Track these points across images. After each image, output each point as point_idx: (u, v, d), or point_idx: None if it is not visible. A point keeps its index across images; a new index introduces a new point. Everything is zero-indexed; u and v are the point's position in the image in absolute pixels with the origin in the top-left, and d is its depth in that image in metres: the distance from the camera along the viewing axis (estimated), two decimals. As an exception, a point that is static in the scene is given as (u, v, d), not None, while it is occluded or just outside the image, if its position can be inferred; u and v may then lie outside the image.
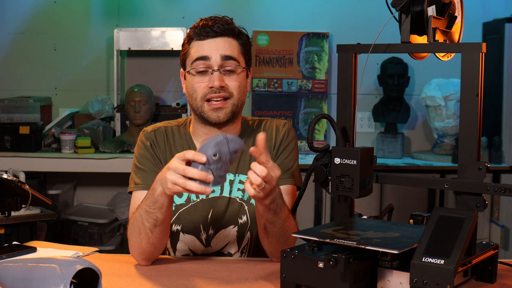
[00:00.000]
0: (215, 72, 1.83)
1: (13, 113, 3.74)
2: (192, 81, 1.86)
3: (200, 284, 1.62)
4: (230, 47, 1.85)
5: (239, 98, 1.87)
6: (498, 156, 3.90)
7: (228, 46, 1.85)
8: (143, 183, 1.86)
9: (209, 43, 1.85)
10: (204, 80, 1.84)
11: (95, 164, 3.71)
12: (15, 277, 1.41)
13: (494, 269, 1.58)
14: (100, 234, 3.96)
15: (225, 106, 1.84)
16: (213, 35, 1.84)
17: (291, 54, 4.19)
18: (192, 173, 1.51)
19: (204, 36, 1.85)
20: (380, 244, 1.43)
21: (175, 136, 1.94)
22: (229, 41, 1.86)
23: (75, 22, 4.29)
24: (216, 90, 1.82)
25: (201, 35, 1.85)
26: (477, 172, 1.50)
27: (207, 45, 1.84)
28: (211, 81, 1.83)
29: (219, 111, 1.84)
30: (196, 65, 1.85)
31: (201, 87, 1.84)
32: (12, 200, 1.95)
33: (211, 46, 1.84)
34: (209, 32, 1.84)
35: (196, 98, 1.85)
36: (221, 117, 1.84)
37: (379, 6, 2.02)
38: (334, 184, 1.59)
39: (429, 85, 4.01)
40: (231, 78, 1.85)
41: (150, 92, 3.91)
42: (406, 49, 1.61)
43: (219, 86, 1.82)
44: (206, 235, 1.91)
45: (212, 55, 1.83)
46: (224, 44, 1.85)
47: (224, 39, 1.85)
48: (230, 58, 1.84)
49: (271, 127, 1.95)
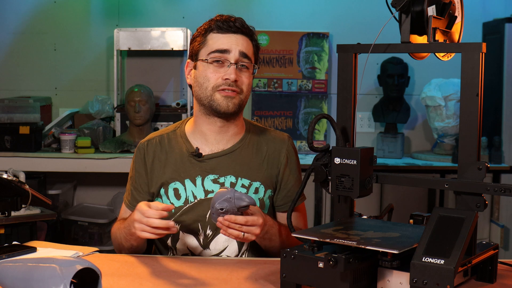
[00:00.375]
0: (232, 65, 1.88)
1: (13, 113, 3.74)
2: (206, 70, 1.90)
3: (200, 284, 1.62)
4: (248, 46, 1.93)
5: (246, 96, 1.94)
6: (498, 156, 3.90)
7: (246, 45, 1.92)
8: (130, 204, 2.00)
9: (229, 37, 1.90)
10: (220, 71, 1.89)
11: (95, 164, 3.71)
12: (15, 277, 1.41)
13: (494, 269, 1.58)
14: (100, 234, 3.96)
15: (235, 96, 1.89)
16: (234, 31, 1.91)
17: (291, 54, 4.19)
18: (154, 222, 1.72)
19: (225, 30, 1.91)
20: (380, 244, 1.43)
21: (171, 141, 1.99)
22: (246, 40, 1.93)
23: (75, 22, 4.29)
24: (231, 83, 1.88)
25: (223, 28, 1.90)
26: (477, 172, 1.50)
27: (227, 39, 1.90)
28: (227, 73, 1.88)
29: (230, 100, 1.89)
30: (214, 56, 1.90)
31: (215, 77, 1.89)
32: (12, 200, 1.94)
33: (231, 40, 1.90)
34: (232, 27, 1.90)
35: (207, 87, 1.90)
36: (231, 106, 1.89)
37: (379, 6, 2.02)
38: (334, 184, 1.59)
39: (429, 85, 4.01)
40: (244, 75, 1.91)
41: (150, 92, 3.91)
42: (406, 49, 1.61)
43: (234, 79, 1.88)
44: (204, 236, 1.92)
45: (232, 49, 1.89)
46: (243, 41, 1.92)
47: (243, 37, 1.92)
48: (246, 55, 1.91)
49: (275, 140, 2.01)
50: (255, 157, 1.96)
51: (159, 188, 1.95)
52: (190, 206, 1.92)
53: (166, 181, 1.94)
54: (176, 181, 1.94)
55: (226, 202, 1.68)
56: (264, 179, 1.95)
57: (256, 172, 1.94)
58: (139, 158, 2.00)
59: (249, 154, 1.96)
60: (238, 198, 1.68)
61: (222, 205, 1.68)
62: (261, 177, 1.95)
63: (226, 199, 1.68)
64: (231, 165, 1.93)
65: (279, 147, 2.00)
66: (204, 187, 1.92)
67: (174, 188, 1.94)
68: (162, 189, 1.95)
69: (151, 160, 1.98)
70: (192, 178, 1.93)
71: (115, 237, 1.95)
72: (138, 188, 1.99)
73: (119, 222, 1.97)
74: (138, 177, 1.99)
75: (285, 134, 2.04)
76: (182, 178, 1.93)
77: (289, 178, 1.99)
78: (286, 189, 1.99)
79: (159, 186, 1.95)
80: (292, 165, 2.01)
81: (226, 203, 1.68)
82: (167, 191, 1.94)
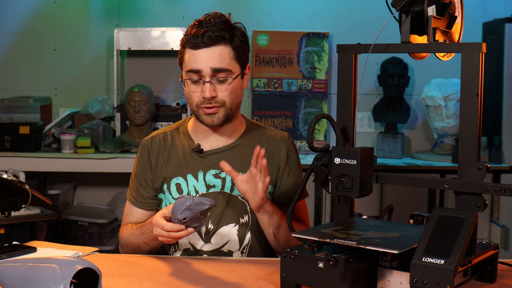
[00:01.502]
0: (206, 83, 1.88)
1: (13, 113, 3.73)
2: (188, 88, 1.92)
3: (200, 284, 1.62)
4: (221, 58, 1.88)
5: (232, 103, 1.92)
6: (498, 156, 3.90)
7: (219, 57, 1.87)
8: (136, 200, 2.04)
9: (200, 53, 1.87)
10: (198, 89, 1.90)
11: (95, 164, 3.71)
12: (15, 277, 1.41)
13: (494, 269, 1.58)
14: (100, 234, 3.96)
15: (217, 111, 1.91)
16: (204, 46, 1.87)
17: (291, 54, 4.19)
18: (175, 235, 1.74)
19: (195, 47, 1.88)
20: (380, 244, 1.43)
21: (174, 139, 2.03)
22: (220, 50, 1.88)
23: (75, 22, 4.28)
24: (208, 101, 1.89)
25: (193, 45, 1.88)
26: (477, 172, 1.50)
27: (199, 56, 1.88)
28: (203, 91, 1.89)
29: (213, 116, 1.91)
30: (189, 76, 1.91)
31: (195, 96, 1.91)
32: (12, 200, 1.95)
33: (202, 57, 1.87)
34: (200, 43, 1.87)
35: (192, 104, 1.93)
36: (215, 121, 1.92)
37: (379, 6, 2.02)
38: (334, 184, 1.59)
39: (429, 85, 4.01)
40: (222, 87, 1.90)
41: (150, 92, 3.90)
42: (406, 49, 1.61)
43: (210, 96, 1.88)
44: (205, 229, 1.95)
45: (203, 68, 1.87)
46: (215, 55, 1.87)
47: (215, 48, 1.87)
48: (220, 70, 1.88)
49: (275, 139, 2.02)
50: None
51: (162, 183, 2.00)
52: None
53: (168, 177, 1.99)
54: (178, 177, 1.98)
55: (187, 210, 1.68)
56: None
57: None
58: (144, 155, 2.03)
59: (249, 151, 1.97)
60: (198, 204, 1.68)
61: (184, 214, 1.68)
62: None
63: (187, 207, 1.68)
64: (232, 161, 1.94)
65: (280, 145, 2.01)
66: (206, 182, 1.96)
67: (176, 183, 1.98)
68: (164, 184, 1.99)
69: (156, 156, 2.01)
70: (194, 173, 1.97)
71: (129, 242, 1.97)
72: (143, 183, 2.02)
73: (131, 227, 1.98)
74: (144, 173, 2.02)
75: (285, 132, 2.06)
76: (184, 173, 1.98)
77: (289, 175, 2.01)
78: (286, 186, 2.00)
79: (162, 181, 2.00)
80: (292, 163, 2.02)
81: (187, 211, 1.68)
82: (170, 187, 1.98)
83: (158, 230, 1.74)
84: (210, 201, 1.70)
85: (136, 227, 1.95)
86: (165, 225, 1.71)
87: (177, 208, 1.69)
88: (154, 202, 2.03)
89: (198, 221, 1.71)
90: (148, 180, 2.01)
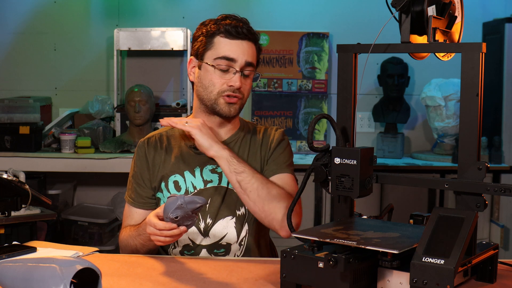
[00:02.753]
0: (237, 73, 1.93)
1: (13, 113, 3.74)
2: (212, 75, 1.94)
3: (200, 284, 1.62)
4: (253, 53, 1.97)
5: (246, 99, 2.01)
6: (498, 156, 3.90)
7: (252, 52, 1.96)
8: (135, 201, 2.04)
9: (237, 44, 1.93)
10: (225, 77, 1.94)
11: (95, 164, 3.71)
12: (15, 277, 1.41)
13: (494, 269, 1.58)
14: (100, 234, 3.96)
15: (237, 102, 1.96)
16: (242, 37, 1.93)
17: (291, 54, 4.19)
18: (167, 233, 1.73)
19: (233, 36, 1.93)
20: (380, 244, 1.43)
21: (169, 138, 2.05)
22: (252, 46, 1.96)
23: (75, 22, 4.28)
24: (235, 90, 1.93)
25: (231, 33, 1.93)
26: (477, 172, 1.50)
27: (235, 46, 1.93)
28: (232, 80, 1.93)
29: (232, 106, 1.95)
30: (218, 63, 1.93)
31: (220, 82, 1.94)
32: (12, 200, 1.95)
33: (238, 48, 1.93)
34: (240, 34, 1.93)
35: (213, 91, 1.95)
36: (232, 111, 1.96)
37: (379, 6, 2.02)
38: (334, 184, 1.59)
39: (429, 85, 4.01)
40: (246, 81, 1.97)
41: (150, 92, 3.91)
42: (406, 49, 1.61)
43: (240, 86, 1.93)
44: (204, 224, 1.98)
45: (239, 58, 1.93)
46: (249, 49, 1.95)
47: (249, 43, 1.96)
48: (250, 64, 1.95)
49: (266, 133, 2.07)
50: (250, 149, 2.03)
51: (159, 182, 2.01)
52: None
53: (166, 175, 2.01)
54: (176, 174, 2.00)
55: (178, 209, 1.68)
56: (260, 167, 2.00)
57: (251, 161, 2.00)
58: (141, 155, 2.05)
59: (243, 147, 2.03)
60: (190, 202, 1.68)
61: (175, 213, 1.68)
62: (257, 165, 2.00)
63: (178, 206, 1.68)
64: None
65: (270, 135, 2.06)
66: (203, 177, 1.99)
67: (174, 181, 2.00)
68: (162, 183, 2.01)
69: (152, 156, 2.03)
70: (191, 170, 2.00)
71: (127, 244, 1.98)
72: (141, 183, 2.03)
73: (129, 229, 1.99)
74: (141, 173, 2.04)
75: (275, 126, 2.11)
76: (181, 170, 2.00)
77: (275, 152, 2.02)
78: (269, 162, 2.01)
79: (159, 180, 2.01)
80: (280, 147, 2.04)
81: (179, 210, 1.68)
82: (167, 184, 2.00)
83: (151, 229, 1.74)
84: (202, 199, 1.70)
85: (133, 229, 1.96)
86: (157, 224, 1.72)
87: (169, 207, 1.70)
88: (153, 202, 2.04)
89: (190, 219, 1.71)
90: (146, 179, 2.03)
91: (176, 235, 1.72)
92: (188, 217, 1.70)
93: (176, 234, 1.71)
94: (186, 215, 1.69)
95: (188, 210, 1.68)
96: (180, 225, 1.71)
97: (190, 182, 1.99)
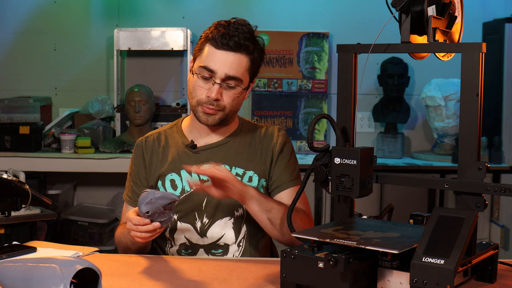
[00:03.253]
0: (216, 85, 1.90)
1: (13, 113, 3.74)
2: (195, 82, 1.94)
3: (200, 284, 1.62)
4: (238, 66, 1.90)
5: (231, 110, 1.96)
6: (498, 156, 3.90)
7: (237, 65, 1.90)
8: (131, 200, 2.05)
9: (221, 55, 1.89)
10: (205, 86, 1.92)
11: (95, 164, 3.71)
12: (15, 277, 1.41)
13: (494, 269, 1.58)
14: (100, 234, 3.96)
15: (215, 113, 1.94)
16: (227, 49, 1.89)
17: (291, 54, 4.19)
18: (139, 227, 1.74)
19: (219, 47, 1.89)
20: (380, 244, 1.43)
21: (168, 137, 2.07)
22: (239, 58, 1.90)
23: (75, 22, 4.28)
24: (211, 101, 1.91)
25: (217, 44, 1.89)
26: (477, 172, 1.50)
27: (218, 56, 1.89)
28: (210, 90, 1.91)
29: (209, 116, 1.94)
30: (202, 72, 1.91)
31: (200, 92, 1.93)
32: (12, 200, 1.95)
33: (221, 60, 1.89)
34: (225, 45, 1.89)
35: (193, 98, 1.95)
36: (210, 121, 1.95)
37: (379, 6, 2.02)
38: (334, 184, 1.59)
39: (429, 85, 4.01)
40: (229, 93, 1.93)
41: (150, 92, 3.91)
42: (406, 49, 1.61)
43: (215, 98, 1.90)
44: (201, 224, 1.98)
45: (219, 70, 1.89)
46: (233, 62, 1.90)
47: (236, 55, 1.90)
48: (233, 78, 1.90)
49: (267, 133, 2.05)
50: (249, 148, 2.03)
51: (156, 181, 2.02)
52: (187, 196, 1.99)
53: (163, 173, 2.02)
54: (172, 173, 2.01)
55: (149, 204, 1.69)
56: (258, 168, 2.00)
57: (249, 162, 2.00)
58: (138, 154, 2.07)
59: (242, 146, 2.02)
60: (160, 198, 1.68)
61: (146, 208, 1.69)
62: (255, 166, 2.00)
63: (149, 201, 1.69)
64: (225, 155, 1.99)
65: (271, 139, 2.04)
66: (199, 177, 1.97)
67: (170, 179, 2.01)
68: (159, 181, 2.02)
69: (150, 155, 2.05)
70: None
71: (120, 241, 1.99)
72: (138, 182, 2.05)
73: (122, 227, 2.00)
74: (138, 172, 2.05)
75: (275, 126, 2.08)
76: (178, 169, 2.00)
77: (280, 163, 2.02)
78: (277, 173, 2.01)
79: (156, 178, 2.02)
80: (285, 153, 2.04)
81: (149, 205, 1.69)
82: (164, 183, 2.01)
83: (129, 223, 1.76)
84: (173, 196, 1.70)
85: (124, 227, 1.96)
86: (132, 219, 1.73)
87: (140, 202, 1.70)
88: None
89: (164, 216, 1.71)
90: (143, 178, 2.04)
91: (150, 230, 1.71)
92: (160, 213, 1.70)
93: (150, 230, 1.71)
94: (158, 210, 1.69)
95: (158, 205, 1.68)
96: (154, 221, 1.71)
97: (187, 181, 1.99)
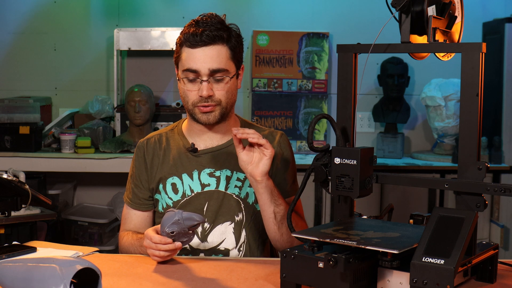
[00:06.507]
0: (204, 82, 1.89)
1: (13, 113, 3.73)
2: (184, 87, 1.93)
3: (200, 284, 1.62)
4: (219, 58, 1.89)
5: (228, 102, 1.94)
6: (498, 156, 3.90)
7: (217, 57, 1.89)
8: (132, 202, 2.06)
9: (198, 52, 1.88)
10: (195, 88, 1.91)
11: (95, 164, 3.71)
12: (15, 277, 1.41)
13: (494, 269, 1.58)
14: (100, 234, 3.96)
15: (214, 110, 1.93)
16: (202, 44, 1.88)
17: (291, 54, 4.19)
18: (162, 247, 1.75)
19: (194, 45, 1.89)
20: (380, 244, 1.43)
21: (169, 139, 2.05)
22: (218, 49, 1.89)
23: (75, 22, 4.28)
24: (205, 99, 1.90)
25: (191, 43, 1.89)
26: (477, 172, 1.50)
27: (197, 55, 1.88)
28: (200, 90, 1.90)
29: (209, 114, 1.93)
30: (186, 75, 1.91)
31: (192, 94, 1.92)
32: (12, 200, 1.94)
33: (200, 57, 1.88)
34: (198, 42, 1.88)
35: (188, 102, 1.94)
36: (211, 119, 1.94)
37: (379, 6, 2.02)
38: (334, 184, 1.59)
39: (429, 85, 4.01)
40: (219, 86, 1.92)
41: (150, 92, 3.91)
42: (406, 49, 1.61)
43: (208, 95, 1.90)
44: (202, 229, 1.97)
45: (201, 68, 1.88)
46: (213, 54, 1.88)
47: (213, 47, 1.89)
48: (218, 70, 1.89)
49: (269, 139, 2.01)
50: None
51: (157, 184, 2.02)
52: (188, 200, 1.98)
53: (164, 176, 2.01)
54: (173, 176, 2.00)
55: (175, 224, 1.70)
56: None
57: None
58: (139, 156, 2.06)
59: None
60: (187, 219, 1.70)
61: (172, 228, 1.70)
62: None
63: (175, 221, 1.70)
64: (226, 159, 1.98)
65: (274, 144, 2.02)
66: (200, 181, 1.98)
67: (172, 183, 2.00)
68: (160, 184, 2.01)
69: (151, 158, 2.04)
70: (189, 173, 1.99)
71: (128, 251, 1.99)
72: (139, 185, 2.04)
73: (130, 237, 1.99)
74: (139, 174, 2.04)
75: (278, 131, 2.08)
76: (179, 173, 2.00)
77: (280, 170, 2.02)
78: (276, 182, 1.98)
79: (157, 181, 2.02)
80: (285, 159, 2.03)
81: (175, 225, 1.70)
82: (165, 186, 2.00)
83: (147, 241, 1.76)
84: (199, 217, 1.72)
85: (135, 238, 1.96)
86: (153, 237, 1.74)
87: (166, 221, 1.71)
88: (150, 203, 2.04)
89: (186, 236, 1.74)
90: (144, 181, 2.03)
91: (171, 250, 1.73)
92: (184, 234, 1.72)
93: (171, 249, 1.73)
94: (183, 231, 1.71)
95: (184, 226, 1.70)
96: (176, 241, 1.73)
97: (188, 185, 1.98)
